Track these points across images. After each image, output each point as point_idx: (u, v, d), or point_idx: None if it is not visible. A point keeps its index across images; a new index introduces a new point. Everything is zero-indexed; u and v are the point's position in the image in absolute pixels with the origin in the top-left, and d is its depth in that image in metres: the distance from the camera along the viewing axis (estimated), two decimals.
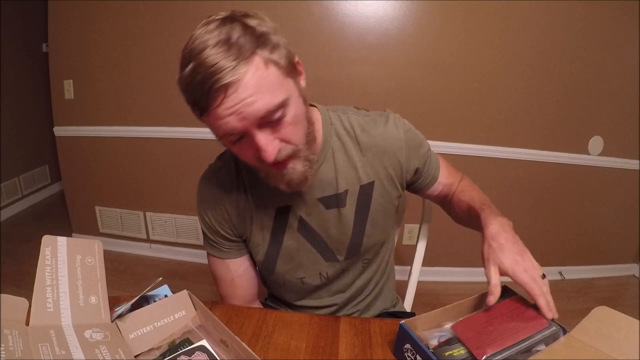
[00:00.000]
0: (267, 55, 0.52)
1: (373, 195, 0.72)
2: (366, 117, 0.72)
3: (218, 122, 0.52)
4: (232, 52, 0.49)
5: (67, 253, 0.56)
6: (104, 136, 2.06)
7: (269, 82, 0.52)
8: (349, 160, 0.70)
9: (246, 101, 0.50)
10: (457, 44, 1.74)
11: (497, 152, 1.88)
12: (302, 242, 0.74)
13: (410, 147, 0.72)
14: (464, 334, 0.56)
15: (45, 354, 0.45)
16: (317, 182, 0.69)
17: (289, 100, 0.54)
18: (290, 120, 0.55)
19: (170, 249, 2.23)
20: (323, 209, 0.71)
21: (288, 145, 0.57)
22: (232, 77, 0.48)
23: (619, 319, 0.51)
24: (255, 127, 0.53)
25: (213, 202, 0.73)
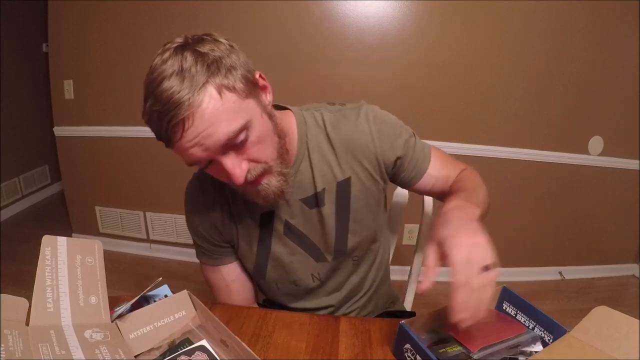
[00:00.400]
0: (221, 82, 0.52)
1: (351, 192, 0.71)
2: (337, 113, 0.70)
3: (182, 153, 0.54)
4: (185, 84, 0.49)
5: (67, 253, 0.56)
6: (104, 136, 2.06)
7: (226, 109, 0.52)
8: (323, 159, 0.69)
9: (204, 133, 0.51)
10: (457, 44, 1.74)
11: (497, 152, 1.88)
12: (290, 246, 0.74)
13: (384, 138, 0.69)
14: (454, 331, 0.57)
15: (45, 354, 0.45)
16: (297, 183, 0.69)
17: (250, 122, 0.54)
18: (255, 140, 0.55)
19: (170, 249, 2.23)
20: (307, 209, 0.71)
21: (258, 165, 0.57)
22: (187, 111, 0.49)
23: (619, 319, 0.51)
24: (219, 154, 0.54)
25: (199, 211, 0.73)
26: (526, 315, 0.61)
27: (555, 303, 1.93)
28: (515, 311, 0.63)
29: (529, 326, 0.60)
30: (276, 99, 0.64)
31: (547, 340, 0.58)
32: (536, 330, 0.59)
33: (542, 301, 1.90)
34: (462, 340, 0.55)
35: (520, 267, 2.10)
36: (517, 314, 0.62)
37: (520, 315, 0.62)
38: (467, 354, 0.53)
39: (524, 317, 0.62)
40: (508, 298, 0.64)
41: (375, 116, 0.70)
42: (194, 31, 0.58)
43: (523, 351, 0.56)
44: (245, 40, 1.79)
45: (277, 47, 1.78)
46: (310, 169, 0.69)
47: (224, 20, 1.77)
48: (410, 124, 0.78)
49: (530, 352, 0.56)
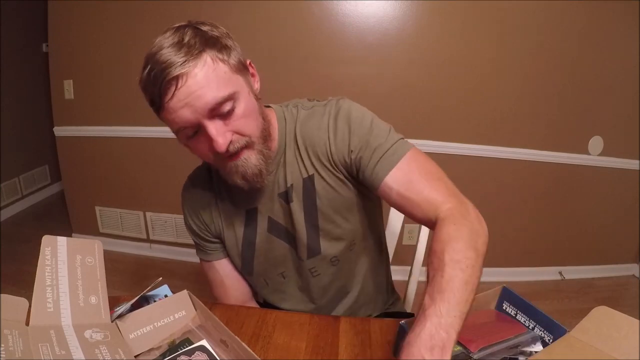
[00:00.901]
0: (215, 54, 0.56)
1: (316, 189, 0.69)
2: (309, 110, 0.70)
3: (172, 115, 0.56)
4: (183, 50, 0.54)
5: (67, 253, 0.56)
6: (104, 136, 2.06)
7: (217, 77, 0.56)
8: (293, 155, 0.70)
9: (195, 93, 0.54)
10: (457, 44, 1.74)
11: (497, 152, 1.88)
12: (274, 241, 0.75)
13: (339, 135, 0.66)
14: None
15: (45, 354, 0.45)
16: (277, 177, 0.70)
17: (237, 94, 0.58)
18: (241, 113, 0.58)
19: (170, 249, 2.23)
20: (284, 204, 0.72)
21: (242, 137, 0.60)
22: (181, 70, 0.53)
23: (619, 319, 0.51)
24: (206, 119, 0.56)
25: (192, 207, 0.77)
26: (526, 315, 0.61)
27: (555, 303, 1.93)
28: (515, 311, 0.63)
29: (529, 326, 0.60)
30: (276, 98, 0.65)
31: (547, 340, 0.58)
32: (536, 330, 0.59)
33: (542, 301, 1.90)
34: (462, 340, 0.55)
35: (520, 267, 2.10)
36: (517, 314, 0.62)
37: (520, 315, 0.62)
38: (467, 354, 0.53)
39: (524, 317, 0.62)
40: (508, 298, 0.64)
41: (339, 112, 0.67)
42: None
43: (523, 351, 0.56)
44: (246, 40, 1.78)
45: (277, 47, 1.78)
46: (284, 165, 0.70)
47: (224, 21, 1.76)
48: (410, 124, 0.78)
49: (530, 352, 0.56)
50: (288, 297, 0.82)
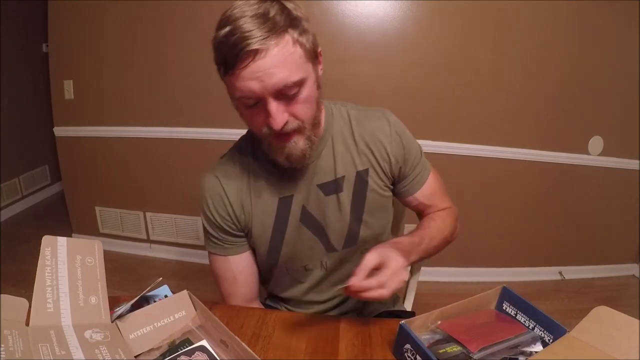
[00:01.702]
0: (296, 37, 0.58)
1: (369, 182, 0.75)
2: (362, 112, 0.77)
3: (239, 83, 0.57)
4: (267, 25, 0.54)
5: (67, 253, 0.56)
6: (104, 136, 2.06)
7: (293, 60, 0.57)
8: (346, 149, 0.74)
9: (269, 71, 0.55)
10: (457, 44, 1.74)
11: (497, 152, 1.88)
12: (304, 232, 0.76)
13: (399, 145, 0.75)
14: (454, 331, 0.57)
15: (45, 354, 0.45)
16: (318, 169, 0.73)
17: (306, 80, 0.60)
18: (303, 99, 0.61)
19: (170, 249, 2.23)
20: (322, 195, 0.74)
21: (295, 121, 0.62)
22: (262, 46, 0.54)
23: (619, 318, 0.51)
24: (271, 96, 0.58)
25: (217, 196, 0.75)
26: (526, 315, 0.61)
27: (555, 303, 1.93)
28: (515, 311, 0.63)
29: (529, 326, 0.60)
30: None
31: (547, 340, 0.58)
32: (536, 330, 0.59)
33: (542, 301, 1.90)
34: (462, 340, 0.55)
35: (520, 267, 2.10)
36: (517, 314, 0.62)
37: (520, 315, 0.62)
38: (467, 354, 0.53)
39: (524, 317, 0.62)
40: (508, 298, 0.64)
41: (396, 123, 0.76)
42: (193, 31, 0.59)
43: (523, 351, 0.56)
44: None
45: None
46: (332, 156, 0.73)
47: None
48: (410, 124, 0.79)
49: (530, 352, 0.56)
50: (305, 289, 0.83)
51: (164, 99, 1.95)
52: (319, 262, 0.79)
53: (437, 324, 0.60)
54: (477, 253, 2.05)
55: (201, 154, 1.98)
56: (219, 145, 1.93)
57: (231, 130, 1.90)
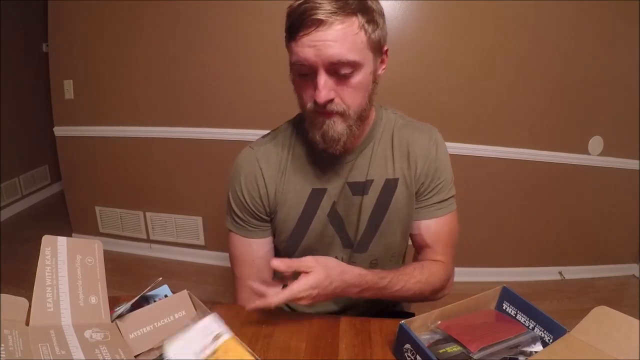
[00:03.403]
0: (364, 22, 0.59)
1: (396, 192, 0.74)
2: (409, 122, 0.78)
3: (298, 48, 0.59)
4: (338, 3, 0.56)
5: (67, 253, 0.56)
6: (104, 136, 2.06)
7: (353, 41, 0.58)
8: (383, 154, 0.74)
9: (328, 42, 0.57)
10: (457, 44, 1.74)
11: (497, 152, 1.88)
12: (327, 227, 0.76)
13: (430, 162, 0.74)
14: (454, 331, 0.57)
15: (45, 354, 0.45)
16: (354, 167, 0.73)
17: (361, 66, 0.60)
18: (353, 84, 0.61)
19: (170, 249, 2.23)
20: (350, 194, 0.74)
21: (341, 104, 0.62)
22: (328, 18, 0.56)
23: (619, 318, 0.51)
24: (323, 68, 0.59)
25: (252, 177, 0.74)
26: (526, 315, 0.61)
27: (555, 303, 1.93)
28: (515, 311, 0.63)
29: (529, 326, 0.60)
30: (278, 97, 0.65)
31: (547, 340, 0.58)
32: (536, 330, 0.59)
33: (542, 301, 1.90)
34: (462, 340, 0.55)
35: (520, 267, 2.10)
36: (517, 314, 0.62)
37: (520, 315, 0.62)
38: (467, 354, 0.53)
39: (524, 317, 0.62)
40: (508, 298, 0.64)
41: (438, 142, 0.76)
42: (194, 31, 0.60)
43: (523, 351, 0.56)
44: (246, 40, 1.79)
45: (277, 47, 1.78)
46: (369, 158, 0.74)
47: (224, 21, 1.77)
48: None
49: (530, 352, 0.56)
50: None
51: (164, 99, 1.94)
52: (334, 257, 0.78)
53: (437, 324, 0.60)
54: (477, 253, 2.05)
55: (201, 154, 1.98)
56: (219, 145, 1.94)
57: (231, 130, 1.90)
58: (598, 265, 2.16)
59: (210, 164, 1.97)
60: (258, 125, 1.85)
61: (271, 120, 0.65)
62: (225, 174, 0.78)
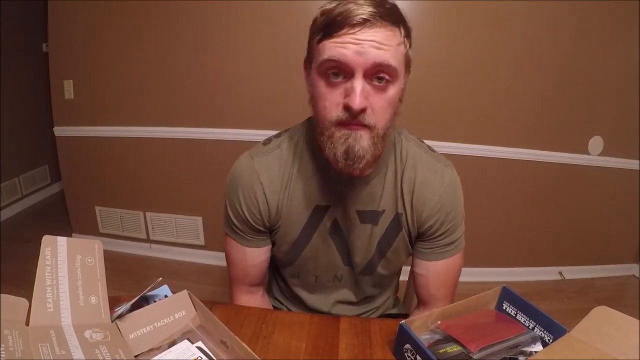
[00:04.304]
0: (405, 35, 0.58)
1: (402, 227, 0.72)
2: (424, 154, 0.72)
3: (336, 44, 0.54)
4: (383, 9, 0.54)
5: (67, 253, 0.56)
6: (104, 136, 2.06)
7: (397, 50, 0.56)
8: (394, 185, 0.70)
9: (373, 43, 0.53)
10: (457, 44, 1.74)
11: (497, 152, 1.88)
12: (329, 244, 0.74)
13: (439, 210, 0.70)
14: (454, 331, 0.57)
15: (45, 354, 0.45)
16: (364, 194, 0.69)
17: (398, 77, 0.57)
18: (387, 97, 0.57)
19: (170, 249, 2.23)
20: (358, 222, 0.71)
21: (372, 116, 0.57)
22: (376, 21, 0.53)
23: (619, 318, 0.51)
24: (361, 72, 0.54)
25: (250, 191, 0.70)
26: (526, 315, 0.61)
27: (555, 303, 1.93)
28: (515, 311, 0.63)
29: (529, 326, 0.60)
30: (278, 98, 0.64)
31: (547, 340, 0.58)
32: (536, 330, 0.59)
33: (542, 301, 1.90)
34: (462, 340, 0.55)
35: (520, 267, 2.10)
36: (517, 314, 0.62)
37: (520, 315, 0.62)
38: (467, 354, 0.53)
39: (524, 317, 0.62)
40: (508, 298, 0.64)
41: (451, 184, 0.71)
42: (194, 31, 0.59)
43: (523, 351, 0.56)
44: (246, 40, 1.79)
45: (277, 47, 1.78)
46: (382, 187, 0.70)
47: (225, 21, 1.77)
48: (410, 124, 0.78)
49: (530, 352, 0.56)
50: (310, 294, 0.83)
51: (164, 99, 1.94)
52: (333, 275, 0.79)
53: (437, 324, 0.60)
54: (477, 253, 2.05)
55: (201, 154, 1.98)
56: (219, 145, 1.94)
57: (231, 130, 1.90)
58: (598, 265, 2.16)
59: (210, 164, 1.97)
60: (258, 125, 1.86)
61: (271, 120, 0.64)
62: (225, 174, 0.78)
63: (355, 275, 0.78)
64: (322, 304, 0.83)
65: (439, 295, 0.75)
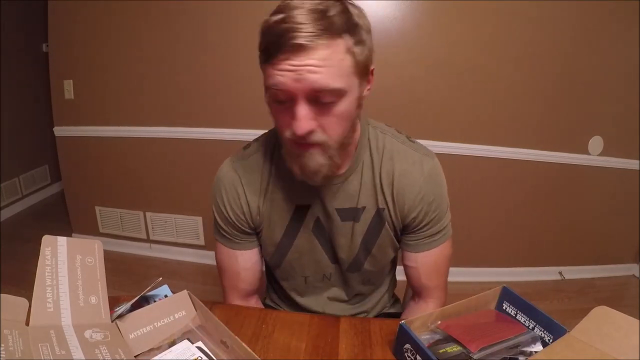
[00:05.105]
0: (351, 44, 0.53)
1: (385, 222, 0.71)
2: (402, 146, 0.70)
3: (275, 72, 0.53)
4: (322, 23, 0.50)
5: (67, 253, 0.56)
6: (104, 136, 2.06)
7: (339, 67, 0.52)
8: (372, 180, 0.69)
9: (310, 68, 0.51)
10: (458, 44, 1.74)
11: (497, 152, 1.88)
12: (313, 243, 0.74)
13: (421, 200, 0.68)
14: (454, 331, 0.57)
15: (45, 354, 0.45)
16: (341, 191, 0.69)
17: (346, 93, 0.55)
18: (337, 113, 0.55)
19: (170, 249, 2.23)
20: (338, 220, 0.71)
21: (323, 135, 0.56)
22: (310, 42, 0.50)
23: (619, 318, 0.51)
24: (303, 97, 0.53)
25: (234, 192, 0.71)
26: (526, 315, 0.61)
27: (555, 303, 1.93)
28: (515, 311, 0.63)
29: (529, 326, 0.60)
30: None
31: (547, 340, 0.58)
32: (536, 330, 0.59)
33: (542, 301, 1.90)
34: (462, 340, 0.55)
35: (520, 267, 2.10)
36: (517, 314, 0.62)
37: (520, 315, 0.62)
38: (467, 354, 0.53)
39: (524, 317, 0.62)
40: (508, 298, 0.64)
41: (431, 173, 0.69)
42: (194, 31, 0.59)
43: (523, 351, 0.56)
44: (246, 40, 1.79)
45: None
46: (359, 184, 0.69)
47: (225, 21, 1.77)
48: (410, 124, 0.78)
49: (530, 352, 0.56)
50: (302, 297, 0.83)
51: (164, 99, 1.94)
52: (322, 274, 0.79)
53: (437, 324, 0.60)
54: (477, 253, 2.05)
55: (201, 154, 1.98)
56: (218, 145, 1.94)
57: (231, 130, 1.90)
58: (598, 265, 2.16)
59: (211, 164, 1.96)
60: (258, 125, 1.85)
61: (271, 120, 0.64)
62: None
63: (343, 272, 0.78)
64: (315, 304, 0.83)
65: (431, 285, 0.75)
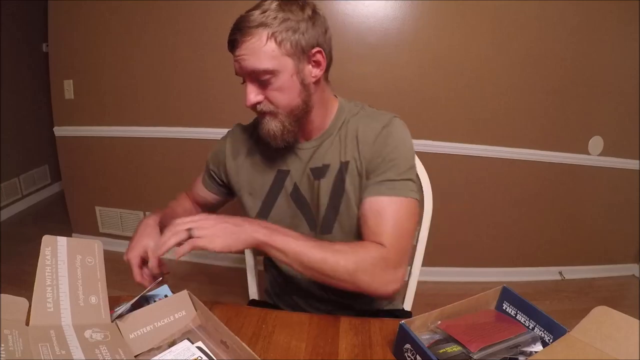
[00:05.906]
0: (275, 33, 0.65)
1: (348, 174, 0.76)
2: (370, 113, 0.79)
3: (233, 61, 0.70)
4: (251, 19, 0.65)
5: (67, 253, 0.56)
6: (104, 136, 2.06)
7: (263, 51, 0.66)
8: (339, 141, 0.78)
9: (243, 56, 0.67)
10: (457, 44, 1.74)
11: (497, 152, 1.88)
12: (292, 207, 0.81)
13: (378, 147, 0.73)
14: (454, 331, 0.57)
15: (45, 354, 0.45)
16: (316, 155, 0.78)
17: (277, 72, 0.67)
18: (276, 87, 0.68)
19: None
20: (311, 178, 0.78)
21: (270, 105, 0.70)
22: (239, 37, 0.66)
23: (619, 319, 0.51)
24: (247, 77, 0.69)
25: (220, 153, 0.88)
26: (526, 315, 0.61)
27: (555, 303, 1.93)
28: (515, 311, 0.63)
29: (529, 326, 0.60)
30: None
31: (547, 340, 0.58)
32: (536, 330, 0.59)
33: (542, 301, 1.90)
34: (462, 340, 0.55)
35: (520, 267, 2.10)
36: (517, 314, 0.63)
37: (520, 315, 0.62)
38: (467, 354, 0.53)
39: (524, 317, 0.62)
40: (508, 298, 0.64)
41: (394, 130, 0.75)
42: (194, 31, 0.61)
43: (523, 351, 0.56)
44: None
45: None
46: (330, 145, 0.78)
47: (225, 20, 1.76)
48: (410, 124, 0.79)
49: (530, 352, 0.56)
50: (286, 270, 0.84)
51: (164, 99, 1.94)
52: None
53: (437, 324, 0.60)
54: (477, 253, 2.05)
55: (201, 154, 1.97)
56: None
57: None
58: (598, 265, 2.16)
59: None
60: None
61: None
62: None
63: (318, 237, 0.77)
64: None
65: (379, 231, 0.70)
